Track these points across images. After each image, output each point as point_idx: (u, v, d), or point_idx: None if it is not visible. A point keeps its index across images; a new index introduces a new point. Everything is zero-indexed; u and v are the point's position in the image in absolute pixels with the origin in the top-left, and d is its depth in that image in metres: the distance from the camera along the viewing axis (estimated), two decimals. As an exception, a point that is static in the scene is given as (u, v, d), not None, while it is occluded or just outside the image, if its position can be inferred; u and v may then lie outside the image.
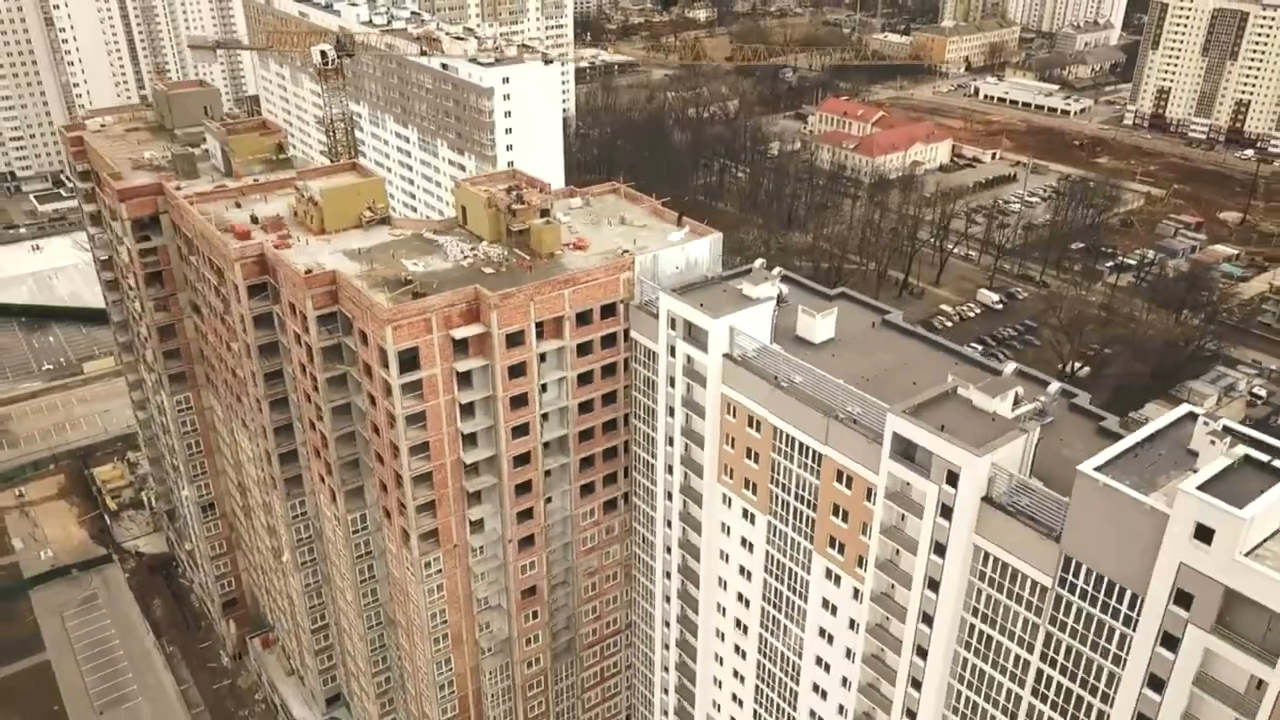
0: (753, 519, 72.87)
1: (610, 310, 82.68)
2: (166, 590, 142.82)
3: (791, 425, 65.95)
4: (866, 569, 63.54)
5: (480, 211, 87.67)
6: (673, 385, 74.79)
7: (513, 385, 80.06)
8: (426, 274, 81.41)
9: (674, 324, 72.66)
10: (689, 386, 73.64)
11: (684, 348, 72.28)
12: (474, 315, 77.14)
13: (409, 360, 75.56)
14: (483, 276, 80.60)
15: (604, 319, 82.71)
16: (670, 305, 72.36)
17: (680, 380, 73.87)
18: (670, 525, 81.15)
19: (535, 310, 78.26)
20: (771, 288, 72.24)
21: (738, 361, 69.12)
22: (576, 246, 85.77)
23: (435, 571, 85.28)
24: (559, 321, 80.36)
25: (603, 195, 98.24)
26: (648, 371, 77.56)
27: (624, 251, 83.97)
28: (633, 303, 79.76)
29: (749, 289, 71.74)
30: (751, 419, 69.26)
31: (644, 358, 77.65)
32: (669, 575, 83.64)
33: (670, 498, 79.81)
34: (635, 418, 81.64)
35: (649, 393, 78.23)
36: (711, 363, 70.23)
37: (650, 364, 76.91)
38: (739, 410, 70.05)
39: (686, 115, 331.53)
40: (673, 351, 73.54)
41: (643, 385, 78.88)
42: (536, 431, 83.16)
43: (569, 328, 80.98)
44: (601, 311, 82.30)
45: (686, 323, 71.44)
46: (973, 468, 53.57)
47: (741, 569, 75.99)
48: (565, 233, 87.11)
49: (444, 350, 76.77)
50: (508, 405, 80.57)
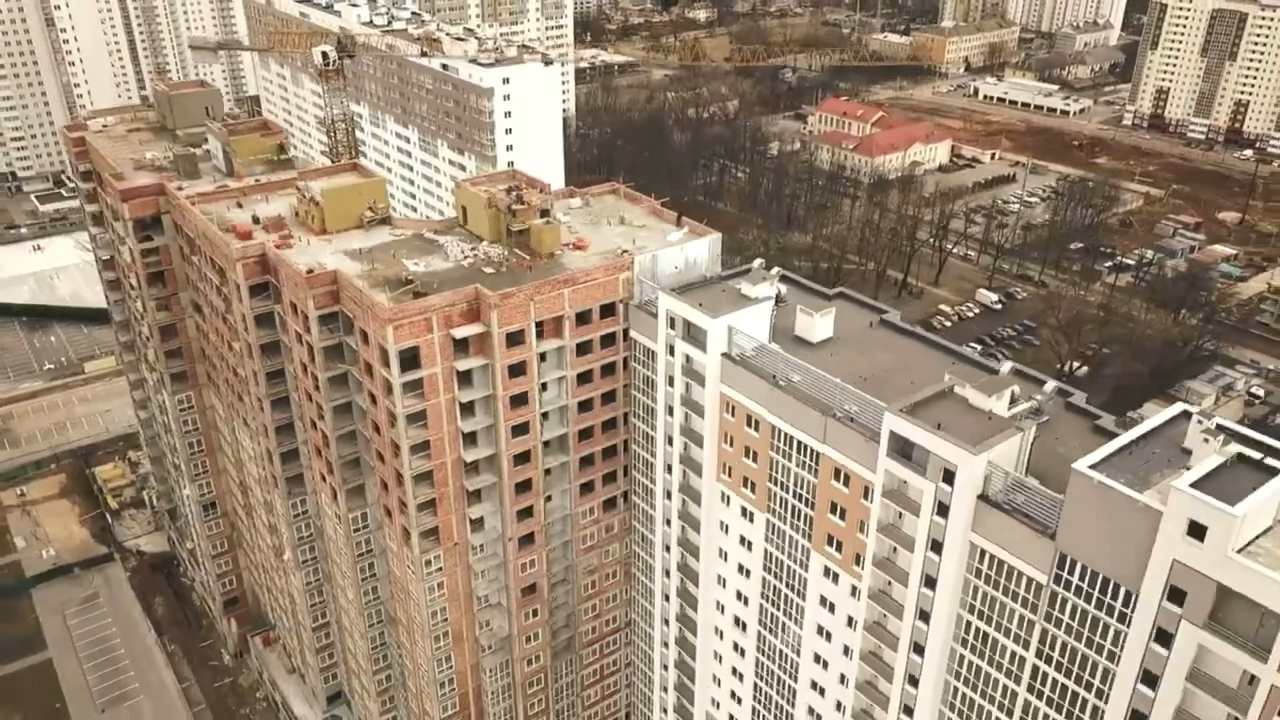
0: (751, 517, 73.28)
1: (610, 310, 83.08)
2: (168, 589, 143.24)
3: (790, 424, 66.37)
4: (864, 566, 63.92)
5: (480, 212, 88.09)
6: (672, 384, 75.21)
7: (513, 384, 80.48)
8: (427, 274, 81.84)
9: (673, 323, 73.05)
10: (688, 385, 74.04)
11: (683, 347, 72.69)
12: (474, 315, 77.56)
13: (410, 359, 75.97)
14: (483, 276, 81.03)
15: (603, 318, 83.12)
16: (669, 305, 72.77)
17: (679, 379, 74.28)
18: (669, 523, 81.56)
19: (535, 310, 78.69)
20: (770, 287, 72.67)
21: (736, 361, 69.51)
22: (576, 246, 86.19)
23: (436, 569, 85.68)
24: (559, 321, 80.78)
25: (602, 195, 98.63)
26: (647, 370, 77.94)
27: (623, 251, 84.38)
28: (632, 302, 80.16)
29: (747, 289, 72.15)
30: (750, 418, 69.68)
31: (643, 357, 78.04)
32: (668, 573, 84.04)
33: (669, 496, 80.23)
34: (634, 416, 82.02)
35: (648, 391, 78.61)
36: (710, 362, 70.64)
37: (649, 363, 77.30)
38: (738, 409, 70.47)
39: (686, 115, 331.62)
40: (672, 351, 73.96)
41: (642, 384, 79.25)
42: (536, 430, 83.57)
43: (569, 327, 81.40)
44: (601, 311, 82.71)
45: (685, 322, 71.83)
46: (969, 466, 54.00)
47: (740, 567, 76.40)
48: (565, 233, 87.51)
49: (444, 349, 77.19)
50: (508, 404, 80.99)
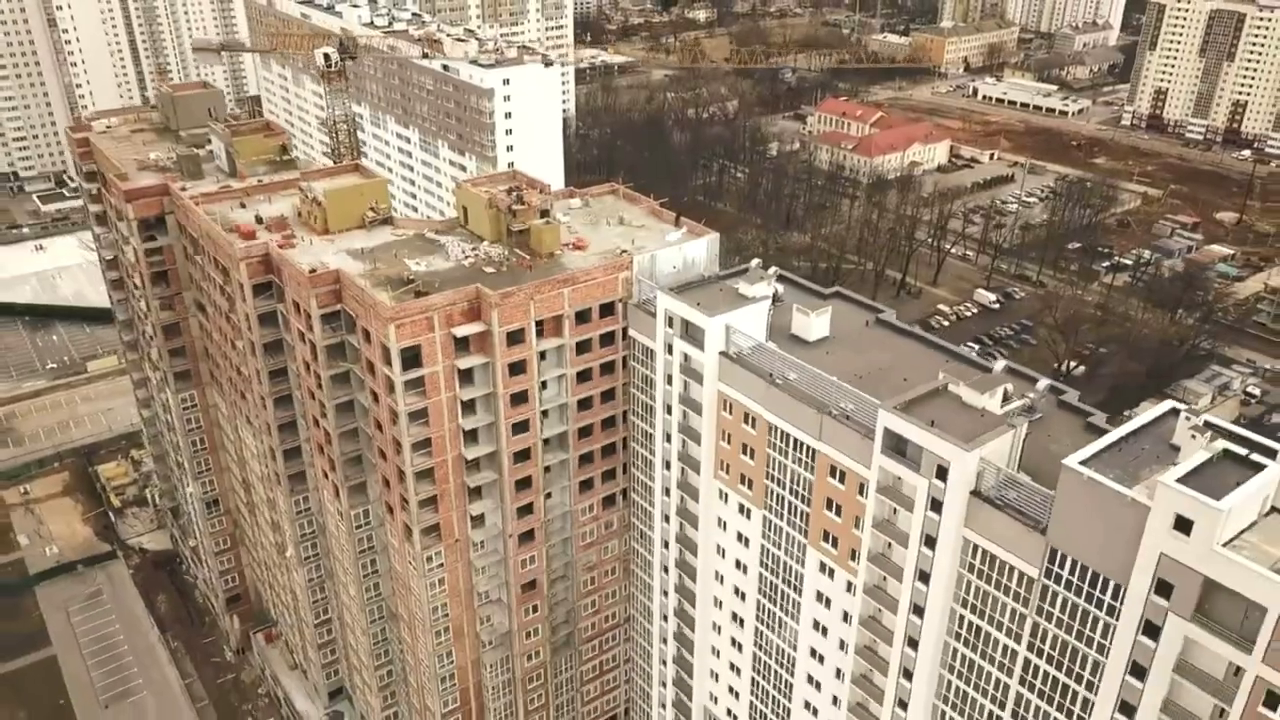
0: (748, 514, 74.10)
1: (609, 309, 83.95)
2: (171, 586, 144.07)
3: (786, 421, 67.16)
4: (859, 562, 64.67)
5: (481, 212, 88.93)
6: (670, 382, 75.97)
7: (513, 382, 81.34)
8: (428, 273, 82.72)
9: (671, 322, 73.77)
10: (686, 384, 74.79)
11: (681, 345, 73.44)
12: (475, 313, 78.40)
13: (411, 358, 76.80)
14: (484, 276, 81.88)
15: (603, 317, 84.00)
16: (668, 304, 73.49)
17: (677, 377, 75.06)
18: (668, 520, 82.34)
19: (535, 309, 79.55)
20: (767, 287, 73.40)
21: (734, 359, 70.24)
22: (576, 246, 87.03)
23: (437, 566, 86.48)
24: (558, 320, 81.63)
25: (602, 196, 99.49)
26: (645, 369, 78.67)
27: (622, 251, 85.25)
28: (631, 301, 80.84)
29: (745, 288, 72.86)
30: (747, 415, 70.50)
31: (642, 355, 78.74)
32: (666, 570, 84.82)
33: (668, 493, 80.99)
34: (633, 414, 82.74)
35: (647, 390, 79.34)
36: (708, 360, 71.40)
37: (648, 361, 78.02)
38: (735, 407, 71.28)
39: (686, 116, 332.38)
40: (670, 349, 74.69)
41: (640, 382, 79.99)
42: (536, 428, 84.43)
43: (568, 326, 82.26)
44: (600, 310, 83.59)
45: (684, 321, 72.55)
46: (962, 462, 54.80)
47: (737, 563, 77.16)
48: (565, 233, 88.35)
49: (445, 348, 78.01)
50: (508, 402, 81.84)
